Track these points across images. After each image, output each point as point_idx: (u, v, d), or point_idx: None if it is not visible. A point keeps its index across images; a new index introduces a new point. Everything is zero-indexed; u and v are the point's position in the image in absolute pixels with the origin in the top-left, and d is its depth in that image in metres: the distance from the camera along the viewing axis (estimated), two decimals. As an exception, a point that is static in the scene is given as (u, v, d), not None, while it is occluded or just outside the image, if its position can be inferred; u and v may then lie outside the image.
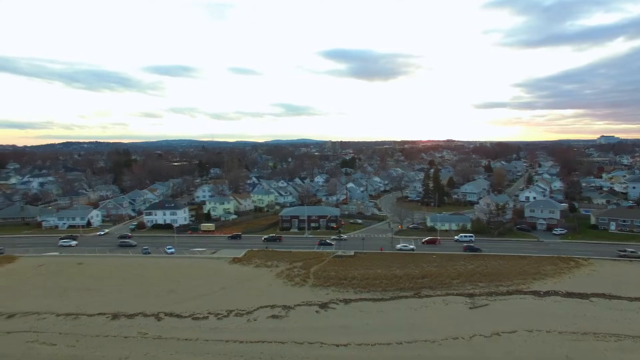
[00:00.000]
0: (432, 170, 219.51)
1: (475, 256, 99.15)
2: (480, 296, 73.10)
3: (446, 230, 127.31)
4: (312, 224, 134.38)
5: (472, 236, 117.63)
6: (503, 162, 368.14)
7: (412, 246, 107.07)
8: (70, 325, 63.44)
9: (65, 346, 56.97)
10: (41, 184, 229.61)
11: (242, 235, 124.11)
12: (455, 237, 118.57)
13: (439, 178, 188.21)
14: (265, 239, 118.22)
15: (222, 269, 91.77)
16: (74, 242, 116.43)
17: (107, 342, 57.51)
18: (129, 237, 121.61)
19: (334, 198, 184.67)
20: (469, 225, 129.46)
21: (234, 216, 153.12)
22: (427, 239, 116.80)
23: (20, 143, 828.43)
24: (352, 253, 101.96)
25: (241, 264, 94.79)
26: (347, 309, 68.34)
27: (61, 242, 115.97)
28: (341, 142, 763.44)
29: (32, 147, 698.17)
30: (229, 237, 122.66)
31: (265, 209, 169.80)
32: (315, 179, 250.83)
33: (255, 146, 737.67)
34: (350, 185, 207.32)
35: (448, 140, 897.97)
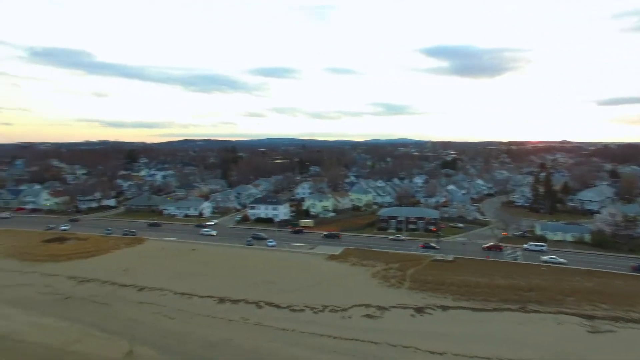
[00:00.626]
0: (543, 174, 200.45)
1: (591, 272, 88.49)
2: (602, 319, 64.85)
3: (559, 241, 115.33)
4: (410, 226, 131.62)
5: (544, 245, 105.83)
6: (634, 167, 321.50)
7: (517, 254, 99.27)
8: (185, 304, 70.80)
9: (181, 321, 63.77)
10: (164, 177, 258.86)
11: (340, 234, 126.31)
12: (524, 245, 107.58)
13: (551, 183, 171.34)
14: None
15: (319, 265, 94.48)
16: (213, 232, 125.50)
17: (214, 323, 63.04)
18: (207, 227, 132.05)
19: (433, 200, 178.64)
20: (587, 237, 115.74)
21: (332, 214, 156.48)
22: (488, 244, 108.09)
23: (148, 140, 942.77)
24: (451, 258, 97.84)
25: (338, 261, 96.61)
26: (445, 316, 65.76)
27: (202, 231, 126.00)
28: (442, 142, 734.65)
29: (157, 144, 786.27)
30: (324, 235, 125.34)
31: (363, 208, 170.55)
32: (414, 180, 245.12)
33: (354, 145, 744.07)
34: (451, 187, 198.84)
35: (563, 142, 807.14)
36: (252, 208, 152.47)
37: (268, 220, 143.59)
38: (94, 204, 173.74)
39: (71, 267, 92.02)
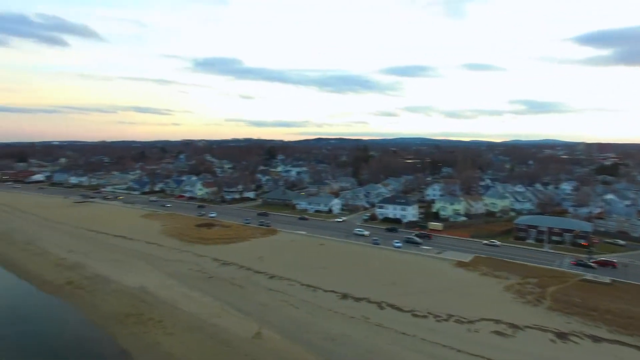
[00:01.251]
0: None
1: None
2: None
3: None
4: (553, 238, 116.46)
5: None
6: None
7: None
8: (310, 295, 74.09)
9: (305, 311, 66.96)
10: (298, 173, 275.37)
11: (471, 239, 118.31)
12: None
13: None
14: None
15: (446, 271, 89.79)
16: (366, 232, 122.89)
17: (335, 317, 64.60)
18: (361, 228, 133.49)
19: (585, 210, 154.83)
20: None
21: (463, 218, 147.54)
22: (599, 259, 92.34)
23: (286, 138, 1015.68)
24: (607, 280, 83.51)
25: (466, 269, 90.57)
26: (596, 349, 56.09)
27: (355, 231, 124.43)
28: (598, 143, 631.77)
29: (294, 142, 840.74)
30: (412, 236, 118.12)
31: (498, 214, 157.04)
32: (561, 186, 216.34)
33: (491, 146, 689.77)
34: (609, 196, 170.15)
35: None
36: (381, 207, 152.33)
37: (396, 221, 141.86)
38: (237, 195, 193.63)
39: (216, 251, 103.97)
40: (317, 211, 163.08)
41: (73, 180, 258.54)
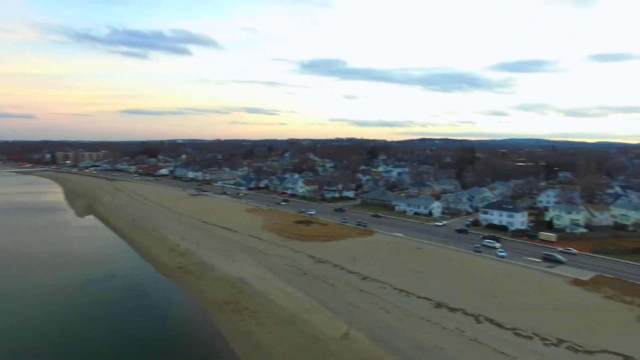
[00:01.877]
0: None
1: None
2: None
3: None
4: None
5: None
6: None
7: None
8: (402, 300, 71.56)
9: (395, 316, 64.81)
10: (399, 174, 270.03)
11: (592, 256, 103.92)
12: None
13: None
14: None
15: (556, 288, 79.83)
16: (497, 244, 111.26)
17: (427, 326, 61.32)
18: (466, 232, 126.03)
19: None
20: None
21: (583, 229, 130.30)
22: None
23: (388, 138, 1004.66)
24: None
25: (584, 288, 79.47)
26: None
27: (484, 242, 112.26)
28: None
29: (396, 142, 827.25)
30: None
31: (631, 228, 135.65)
32: None
33: (622, 148, 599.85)
34: None
35: None
36: (485, 213, 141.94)
37: (501, 228, 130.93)
38: (336, 194, 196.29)
39: (311, 248, 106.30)
40: (416, 213, 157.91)
41: (190, 174, 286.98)
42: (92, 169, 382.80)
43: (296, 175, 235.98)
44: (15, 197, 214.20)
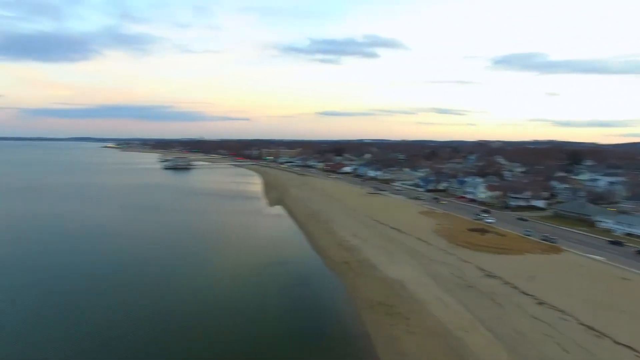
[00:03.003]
0: None
1: None
2: None
3: None
4: None
5: None
6: None
7: None
8: (589, 341, 58.34)
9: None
10: (610, 183, 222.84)
11: None
12: None
13: None
14: None
15: None
16: None
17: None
18: None
19: None
20: None
21: None
22: None
23: (602, 141, 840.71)
24: None
25: None
26: None
27: None
28: None
29: (611, 145, 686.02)
30: None
31: None
32: None
33: None
34: None
35: None
36: None
37: None
38: (522, 203, 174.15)
39: (482, 259, 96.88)
40: (628, 234, 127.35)
41: (371, 173, 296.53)
42: (287, 164, 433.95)
43: (478, 179, 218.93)
44: (227, 186, 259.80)
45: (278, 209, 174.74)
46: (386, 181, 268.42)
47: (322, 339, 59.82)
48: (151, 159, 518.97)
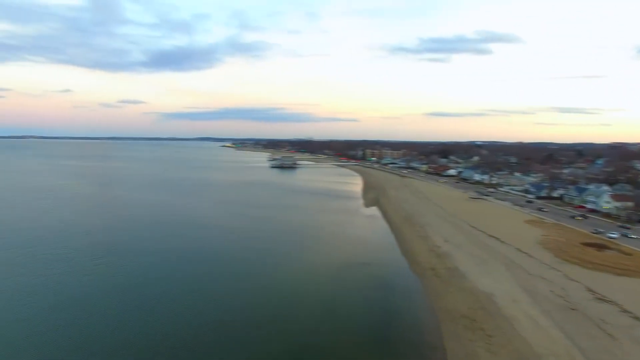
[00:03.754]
0: None
1: None
2: None
3: None
4: None
5: None
6: None
7: None
8: None
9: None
10: None
11: None
12: None
13: None
14: None
15: None
16: None
17: None
18: None
19: None
20: None
21: None
22: None
23: None
24: None
25: None
26: None
27: None
28: None
29: None
30: None
31: None
32: None
33: None
34: None
35: None
36: None
37: None
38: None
39: (595, 279, 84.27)
40: None
41: (476, 177, 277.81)
42: (390, 165, 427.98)
43: (603, 187, 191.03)
44: (327, 185, 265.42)
45: (373, 210, 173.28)
46: (492, 186, 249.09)
47: (392, 345, 57.72)
48: (261, 158, 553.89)
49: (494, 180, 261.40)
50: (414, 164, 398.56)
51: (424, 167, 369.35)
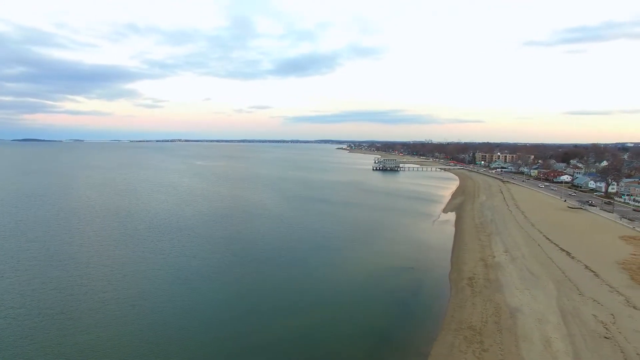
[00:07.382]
0: None
1: None
2: None
3: None
4: None
5: None
6: None
7: None
8: None
9: None
10: None
11: None
12: None
13: None
14: None
15: None
16: None
17: None
18: None
19: None
20: None
21: None
22: None
23: None
24: None
25: None
26: None
27: None
28: None
29: None
30: None
31: None
32: None
33: None
34: None
35: None
36: None
37: None
38: None
39: (663, 307, 72.30)
40: None
41: (591, 184, 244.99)
42: (498, 169, 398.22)
43: None
44: (419, 187, 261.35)
45: (450, 215, 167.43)
46: (608, 195, 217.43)
47: (380, 349, 59.31)
48: (369, 160, 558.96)
49: (613, 189, 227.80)
50: (523, 169, 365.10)
51: (534, 172, 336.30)
